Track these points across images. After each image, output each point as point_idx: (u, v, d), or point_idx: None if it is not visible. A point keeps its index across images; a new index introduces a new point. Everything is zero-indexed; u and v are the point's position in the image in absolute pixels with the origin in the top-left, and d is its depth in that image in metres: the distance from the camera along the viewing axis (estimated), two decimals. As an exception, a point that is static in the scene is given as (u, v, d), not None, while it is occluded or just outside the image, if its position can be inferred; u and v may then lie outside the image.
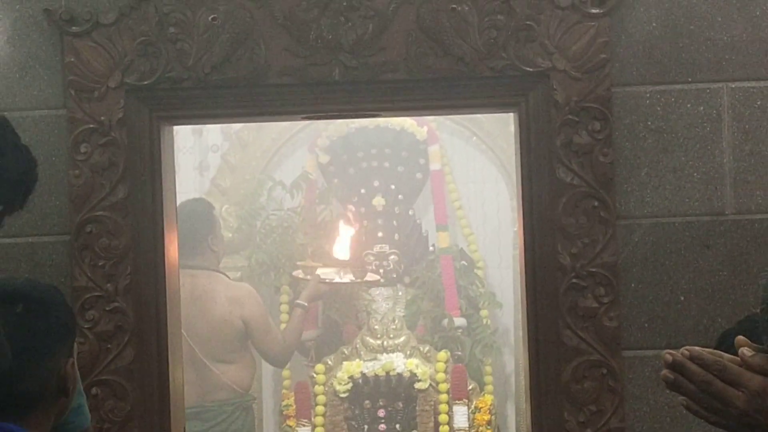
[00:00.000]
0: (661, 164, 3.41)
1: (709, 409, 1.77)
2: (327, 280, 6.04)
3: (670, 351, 1.76)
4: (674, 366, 1.76)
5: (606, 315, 3.38)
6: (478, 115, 6.17)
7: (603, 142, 3.37)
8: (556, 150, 3.38)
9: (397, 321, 6.08)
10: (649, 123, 3.41)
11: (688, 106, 3.41)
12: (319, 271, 6.04)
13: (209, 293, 5.52)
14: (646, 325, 3.41)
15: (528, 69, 3.38)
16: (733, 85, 3.40)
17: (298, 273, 6.11)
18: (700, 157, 3.41)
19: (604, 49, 3.37)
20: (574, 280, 3.38)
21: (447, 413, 5.93)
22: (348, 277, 6.06)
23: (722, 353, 1.77)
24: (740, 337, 1.79)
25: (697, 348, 1.78)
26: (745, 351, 1.75)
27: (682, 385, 1.77)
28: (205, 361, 5.51)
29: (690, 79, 3.40)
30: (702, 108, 3.41)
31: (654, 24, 3.41)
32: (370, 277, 6.11)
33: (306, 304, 5.95)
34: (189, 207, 5.61)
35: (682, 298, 3.41)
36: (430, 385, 5.91)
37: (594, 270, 3.38)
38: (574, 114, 3.37)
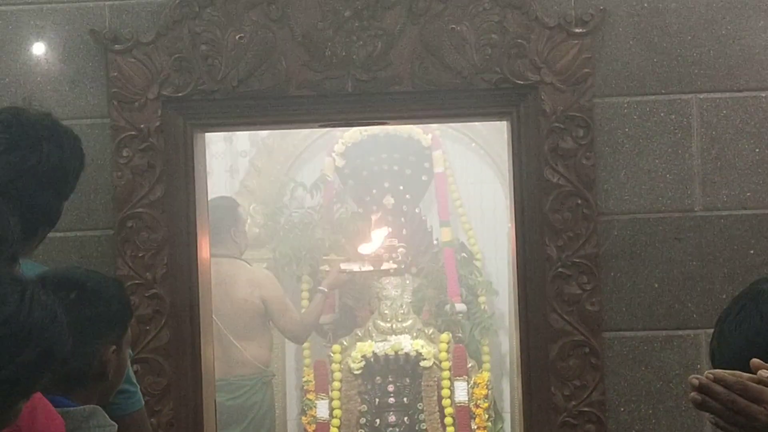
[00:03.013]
0: (637, 166, 3.40)
1: (735, 424, 1.76)
2: (347, 270, 6.04)
3: (696, 375, 1.76)
4: (701, 388, 1.76)
5: (588, 300, 3.37)
6: (477, 124, 6.16)
7: (586, 147, 3.36)
8: (544, 154, 3.37)
9: (404, 306, 6.07)
10: (627, 130, 3.40)
11: (662, 114, 3.40)
12: (342, 265, 6.04)
13: (232, 277, 5.52)
14: (624, 309, 3.41)
15: (519, 82, 3.37)
16: (702, 96, 3.39)
17: (325, 267, 6.11)
18: (672, 160, 3.40)
19: (586, 65, 3.36)
20: (560, 270, 3.37)
21: (449, 388, 5.92)
22: (367, 267, 6.06)
23: (742, 373, 1.77)
24: (755, 360, 1.79)
25: (719, 371, 1.77)
26: (763, 372, 1.75)
27: (709, 405, 1.76)
28: (229, 337, 5.51)
29: (663, 91, 3.39)
30: (674, 117, 3.40)
31: (631, 42, 3.40)
32: (386, 266, 6.10)
33: (326, 290, 5.96)
34: (216, 203, 5.59)
35: (656, 286, 3.40)
36: (434, 363, 5.91)
37: (578, 260, 3.37)
38: (560, 122, 3.36)
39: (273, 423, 5.85)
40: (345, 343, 6.05)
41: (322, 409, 5.97)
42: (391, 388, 5.93)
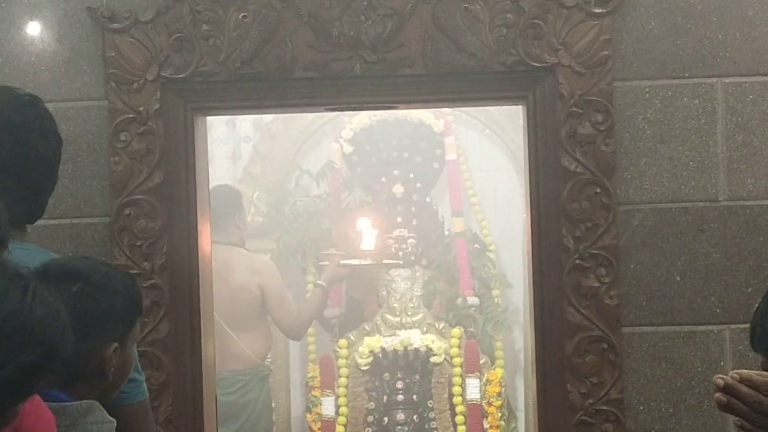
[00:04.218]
0: (659, 154, 3.39)
1: (762, 427, 1.75)
2: (346, 263, 6.03)
3: (721, 375, 1.74)
4: (726, 389, 1.74)
5: (607, 294, 3.37)
6: (491, 109, 6.16)
7: (605, 132, 3.36)
8: (562, 140, 3.36)
9: (414, 300, 6.08)
10: (648, 115, 3.39)
11: (685, 99, 3.39)
12: (342, 261, 6.04)
13: (229, 264, 5.51)
14: (644, 303, 3.40)
15: (535, 64, 3.36)
16: (727, 80, 3.38)
17: (325, 262, 6.11)
18: (696, 147, 3.39)
19: (606, 46, 3.35)
20: (577, 261, 3.37)
21: (460, 385, 5.93)
22: (367, 261, 6.06)
23: None
24: None
25: (746, 371, 1.76)
26: None
27: (735, 406, 1.74)
28: (226, 328, 5.48)
29: (686, 75, 3.38)
30: (697, 101, 3.39)
31: (653, 23, 3.39)
32: (388, 260, 6.11)
33: (325, 284, 5.95)
34: (219, 190, 5.61)
35: (678, 279, 3.40)
36: (445, 359, 5.92)
37: (596, 252, 3.37)
38: (578, 106, 3.35)
39: (270, 423, 5.83)
40: (352, 337, 6.06)
41: (327, 407, 5.99)
42: (400, 384, 5.94)
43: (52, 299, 1.78)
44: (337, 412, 5.97)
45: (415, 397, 5.93)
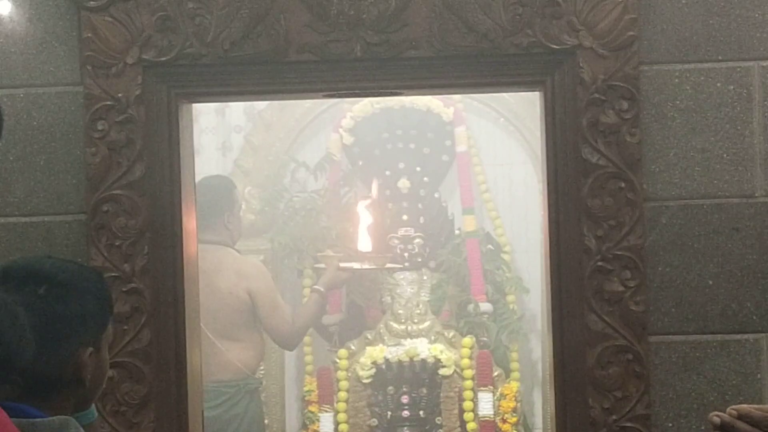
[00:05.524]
0: (689, 145, 3.39)
1: None
2: (346, 267, 6.03)
3: (717, 413, 1.75)
4: (723, 427, 1.75)
5: (632, 299, 3.37)
6: (506, 96, 6.17)
7: (630, 121, 3.36)
8: (582, 130, 3.36)
9: (421, 306, 6.09)
10: (678, 102, 3.40)
11: (718, 85, 3.39)
12: (341, 263, 6.05)
13: (216, 266, 5.52)
14: (673, 309, 3.40)
15: (554, 46, 3.37)
16: (765, 64, 3.38)
17: (321, 265, 6.11)
18: (730, 138, 3.39)
19: (632, 27, 3.35)
20: (599, 263, 3.37)
21: (472, 400, 5.94)
22: (367, 265, 6.07)
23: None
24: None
25: (744, 406, 1.77)
26: None
27: None
28: (210, 336, 5.46)
29: (720, 58, 3.39)
30: (732, 87, 3.39)
31: (683, 1, 3.39)
32: (391, 265, 6.11)
33: (323, 290, 5.94)
34: (209, 182, 5.63)
35: (711, 283, 3.40)
36: (455, 371, 5.93)
37: (620, 253, 3.37)
38: (601, 93, 3.36)
39: (260, 441, 5.84)
40: (353, 347, 6.07)
41: (326, 423, 6.00)
42: (405, 399, 5.94)
43: (9, 302, 1.78)
44: (336, 430, 5.98)
45: (422, 413, 5.94)
